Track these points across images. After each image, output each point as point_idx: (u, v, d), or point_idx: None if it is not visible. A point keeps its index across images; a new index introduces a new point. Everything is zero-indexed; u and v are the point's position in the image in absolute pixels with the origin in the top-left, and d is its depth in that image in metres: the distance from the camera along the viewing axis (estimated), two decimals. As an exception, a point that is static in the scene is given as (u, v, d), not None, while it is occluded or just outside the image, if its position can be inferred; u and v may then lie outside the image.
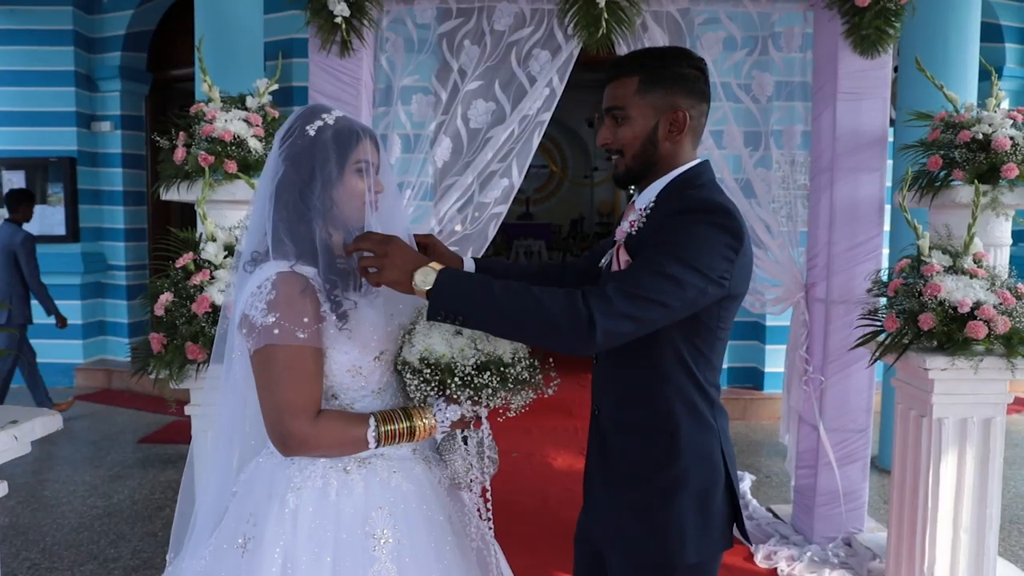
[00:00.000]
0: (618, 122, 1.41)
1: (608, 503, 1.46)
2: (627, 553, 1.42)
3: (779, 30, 3.18)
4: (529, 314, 1.23)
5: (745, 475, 3.96)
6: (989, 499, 2.33)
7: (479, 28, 3.09)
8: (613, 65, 1.44)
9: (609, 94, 1.42)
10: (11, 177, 6.12)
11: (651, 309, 1.24)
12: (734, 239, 1.31)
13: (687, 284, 1.25)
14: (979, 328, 2.14)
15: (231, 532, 1.33)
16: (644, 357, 1.38)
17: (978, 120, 2.65)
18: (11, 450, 1.51)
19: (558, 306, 1.23)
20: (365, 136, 1.39)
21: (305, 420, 1.28)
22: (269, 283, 1.28)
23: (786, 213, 3.19)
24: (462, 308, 1.25)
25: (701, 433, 1.39)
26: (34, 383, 4.93)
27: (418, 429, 1.34)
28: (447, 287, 1.25)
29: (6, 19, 6.05)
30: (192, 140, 2.61)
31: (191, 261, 2.26)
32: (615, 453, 1.44)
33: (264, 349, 1.28)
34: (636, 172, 1.44)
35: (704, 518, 1.38)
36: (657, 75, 1.38)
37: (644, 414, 1.40)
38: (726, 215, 1.31)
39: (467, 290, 1.26)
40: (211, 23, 3.77)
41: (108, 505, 3.66)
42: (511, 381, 1.32)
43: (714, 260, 1.28)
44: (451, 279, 1.26)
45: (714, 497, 1.39)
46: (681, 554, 1.36)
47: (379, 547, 1.29)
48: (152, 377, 2.20)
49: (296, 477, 1.33)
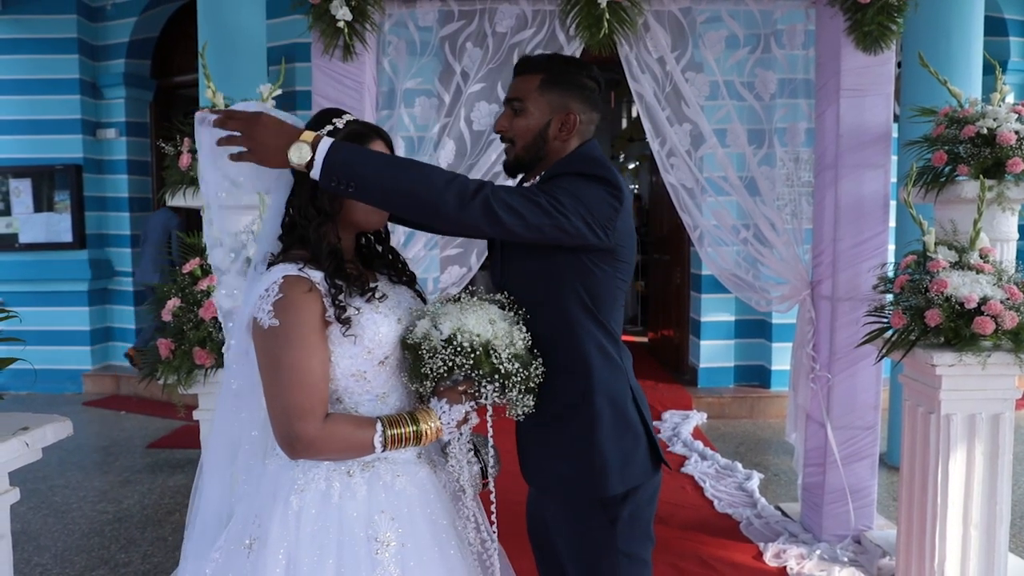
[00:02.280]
0: (516, 113, 1.54)
1: (537, 444, 1.54)
2: (561, 491, 1.53)
3: (781, 27, 3.18)
4: (419, 182, 1.29)
5: (753, 473, 3.96)
6: (999, 495, 2.32)
7: (481, 30, 3.10)
8: (521, 62, 1.57)
9: (513, 86, 1.55)
10: (18, 185, 6.16)
11: (536, 214, 1.35)
12: (616, 193, 1.43)
13: (571, 215, 1.37)
14: (986, 323, 2.14)
15: (239, 533, 1.35)
16: (553, 305, 1.48)
17: (983, 115, 2.64)
18: (23, 456, 1.52)
19: (445, 176, 1.31)
20: (376, 137, 1.41)
21: (312, 423, 1.28)
22: (276, 286, 1.29)
23: (791, 211, 3.19)
24: (352, 177, 1.26)
25: (611, 372, 1.50)
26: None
27: (424, 433, 1.34)
28: (332, 157, 1.25)
29: (11, 28, 6.09)
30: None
31: (198, 266, 2.27)
32: (539, 396, 1.48)
33: (270, 351, 1.29)
34: (524, 162, 1.56)
35: (622, 450, 1.49)
36: (558, 77, 1.52)
37: (560, 357, 1.48)
38: (608, 170, 1.45)
39: (353, 158, 1.27)
40: (214, 29, 3.79)
41: (118, 510, 3.67)
42: (531, 380, 1.36)
43: (600, 208, 1.41)
44: (334, 148, 1.26)
45: (628, 431, 1.51)
46: (606, 486, 1.47)
47: (383, 550, 1.30)
48: (160, 383, 2.21)
49: (300, 479, 1.34)
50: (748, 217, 3.23)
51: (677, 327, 6.19)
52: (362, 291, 1.36)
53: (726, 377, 5.66)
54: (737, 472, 4.01)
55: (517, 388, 1.35)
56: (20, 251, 6.20)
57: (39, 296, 6.14)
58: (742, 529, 3.28)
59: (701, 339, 5.65)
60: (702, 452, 4.35)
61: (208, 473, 1.45)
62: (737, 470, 4.03)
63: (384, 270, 1.53)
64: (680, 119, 3.12)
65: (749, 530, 3.26)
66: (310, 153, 1.25)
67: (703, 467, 4.10)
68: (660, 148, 3.16)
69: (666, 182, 3.19)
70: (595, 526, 1.50)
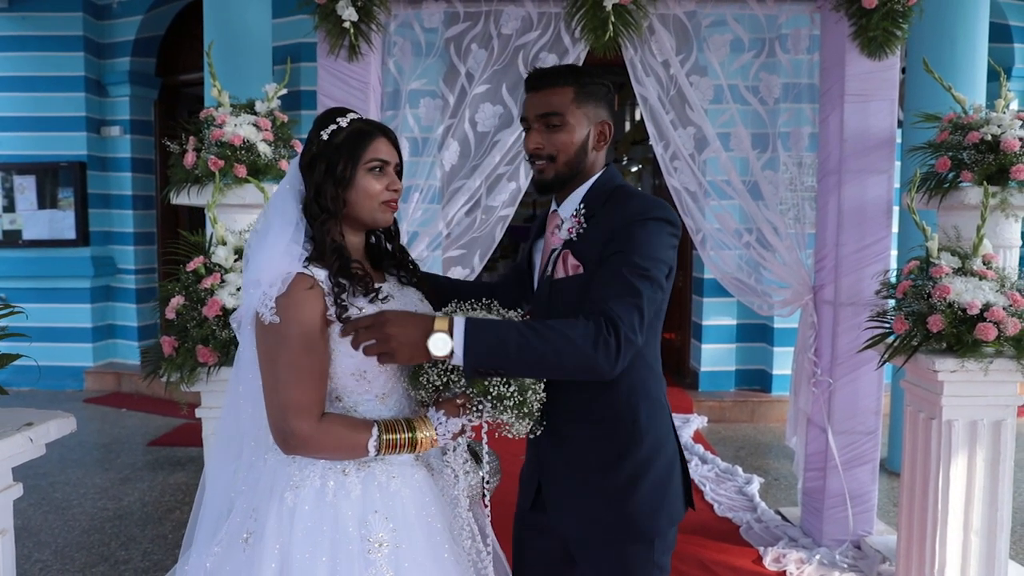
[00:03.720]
0: (552, 128, 1.48)
1: (576, 493, 1.50)
2: (602, 536, 1.49)
3: (786, 32, 3.18)
4: (563, 351, 1.28)
5: (753, 477, 3.95)
6: (1000, 502, 2.32)
7: (486, 32, 3.10)
8: (544, 75, 1.50)
9: (543, 101, 1.48)
10: (22, 182, 6.17)
11: (649, 300, 1.36)
12: (676, 232, 1.45)
13: (659, 277, 1.38)
14: (989, 330, 2.14)
15: (237, 527, 1.36)
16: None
17: (987, 121, 2.64)
18: (26, 452, 1.52)
19: (579, 331, 1.29)
20: (378, 135, 1.41)
21: (308, 420, 1.29)
22: (280, 282, 1.30)
23: (794, 215, 3.19)
24: (498, 363, 1.28)
25: (656, 414, 1.49)
26: None
27: (420, 441, 1.35)
28: (473, 345, 1.26)
29: (17, 25, 6.10)
30: (202, 144, 2.63)
31: (201, 265, 2.28)
32: (576, 444, 1.48)
33: (270, 347, 1.30)
34: (564, 178, 1.50)
35: (668, 490, 1.49)
36: (590, 88, 1.49)
37: (604, 405, 1.46)
38: (666, 209, 1.44)
39: (495, 343, 1.27)
40: (220, 28, 3.79)
41: (118, 507, 3.68)
42: (525, 406, 1.32)
43: (669, 253, 1.42)
44: (473, 336, 1.26)
45: (674, 469, 1.51)
46: (654, 528, 1.47)
47: (375, 551, 1.30)
48: (163, 380, 2.21)
49: (296, 475, 1.35)
50: (751, 221, 3.23)
51: (678, 330, 6.18)
52: (366, 291, 1.36)
53: (727, 381, 5.66)
54: (737, 476, 4.01)
55: (510, 412, 1.32)
56: (23, 248, 6.21)
57: (42, 293, 6.14)
58: (742, 533, 3.28)
59: (702, 343, 5.64)
60: (702, 456, 4.34)
61: (213, 468, 1.47)
62: (737, 474, 4.03)
63: (393, 270, 1.53)
64: (684, 122, 3.13)
65: (749, 534, 3.26)
66: (450, 343, 1.26)
67: (703, 471, 4.10)
68: (664, 151, 3.16)
69: (669, 185, 3.20)
70: (634, 552, 1.49)
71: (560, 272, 1.48)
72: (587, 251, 1.44)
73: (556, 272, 1.49)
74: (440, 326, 1.26)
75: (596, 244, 1.43)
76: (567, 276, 1.47)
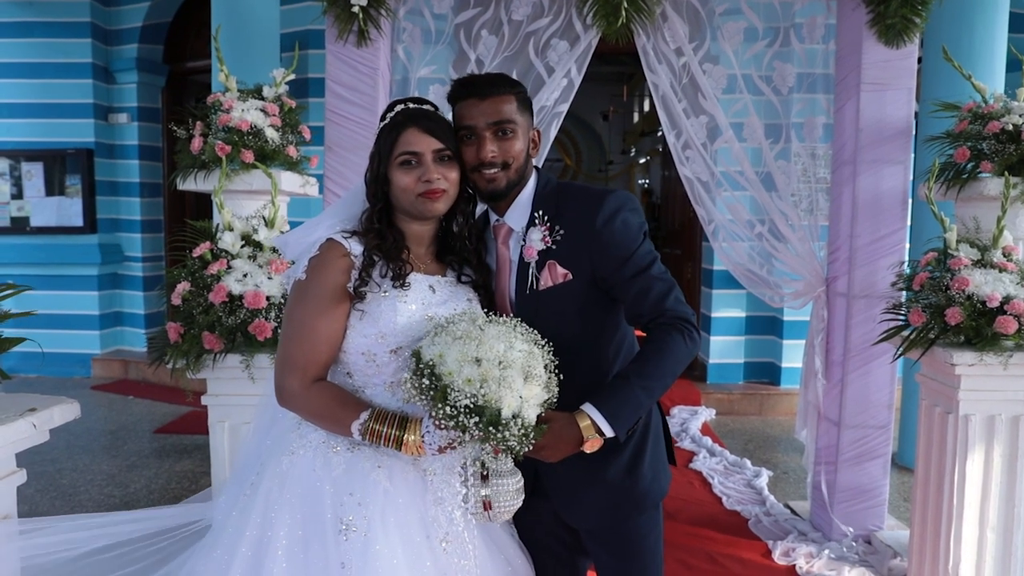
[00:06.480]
0: (504, 136, 1.46)
1: (582, 484, 1.53)
2: (613, 516, 1.55)
3: (800, 20, 3.13)
4: (678, 368, 1.42)
5: (762, 470, 3.93)
6: (1017, 498, 2.28)
7: (496, 18, 3.06)
8: (491, 83, 1.48)
9: (494, 109, 1.45)
10: (30, 169, 6.17)
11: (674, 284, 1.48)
12: (634, 203, 1.52)
13: (656, 253, 1.50)
14: (1009, 323, 2.10)
15: (247, 477, 1.46)
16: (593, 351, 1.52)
17: (1008, 110, 2.59)
18: (30, 438, 1.51)
19: (684, 346, 1.41)
20: (409, 126, 1.41)
21: (297, 378, 1.36)
22: (317, 246, 1.39)
23: (807, 206, 3.15)
24: (641, 414, 1.43)
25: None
26: None
27: (406, 442, 1.34)
28: (619, 426, 1.36)
29: (24, 11, 6.08)
30: (209, 130, 2.60)
31: (208, 251, 2.25)
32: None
33: (291, 302, 1.40)
34: (513, 186, 1.49)
35: (660, 454, 1.59)
36: (524, 96, 1.51)
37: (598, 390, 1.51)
38: (619, 195, 1.50)
39: (631, 411, 1.38)
40: (227, 14, 3.77)
41: (125, 494, 3.68)
42: (494, 440, 1.24)
43: (643, 228, 1.51)
44: (615, 420, 1.35)
45: (659, 431, 1.60)
46: (658, 492, 1.57)
47: (346, 532, 1.31)
48: (169, 367, 2.19)
49: (295, 443, 1.41)
50: (763, 212, 3.19)
51: (687, 323, 6.14)
52: (395, 276, 1.39)
53: (736, 373, 5.62)
54: (746, 469, 3.98)
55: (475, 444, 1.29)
56: (31, 234, 6.21)
57: (49, 280, 6.14)
58: (751, 526, 3.25)
59: (711, 335, 5.60)
60: (711, 448, 4.32)
61: (251, 435, 1.61)
62: (746, 467, 4.00)
63: (456, 265, 1.51)
64: (696, 111, 3.08)
65: (758, 527, 3.23)
66: (601, 439, 1.36)
67: (711, 463, 4.07)
68: (676, 140, 3.12)
69: (681, 175, 3.15)
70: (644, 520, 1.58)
71: (547, 282, 1.48)
72: (571, 256, 1.46)
73: (544, 281, 1.49)
74: (588, 434, 1.34)
75: (578, 248, 1.46)
76: (555, 285, 1.47)
